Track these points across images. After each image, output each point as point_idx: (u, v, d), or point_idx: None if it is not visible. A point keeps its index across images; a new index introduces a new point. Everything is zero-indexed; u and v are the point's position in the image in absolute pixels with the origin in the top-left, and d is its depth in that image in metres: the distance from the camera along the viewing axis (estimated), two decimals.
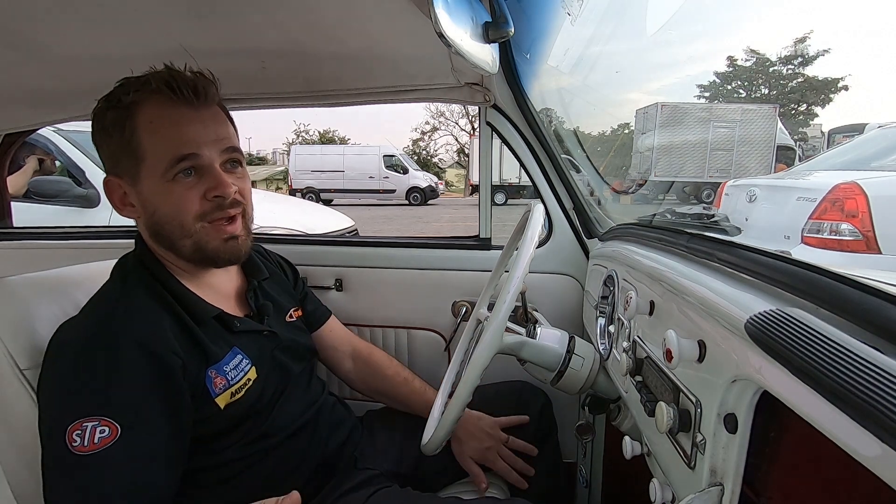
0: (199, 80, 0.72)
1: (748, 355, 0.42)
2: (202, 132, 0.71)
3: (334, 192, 16.27)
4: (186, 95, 0.70)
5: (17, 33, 0.86)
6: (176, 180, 0.70)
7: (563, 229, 1.29)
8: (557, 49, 1.14)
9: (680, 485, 0.55)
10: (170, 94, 0.69)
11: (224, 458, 0.75)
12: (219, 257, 0.75)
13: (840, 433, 0.31)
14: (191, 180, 0.71)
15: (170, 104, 0.70)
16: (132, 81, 0.71)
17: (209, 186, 0.71)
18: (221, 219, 0.74)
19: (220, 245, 0.74)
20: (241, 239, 0.77)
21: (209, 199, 0.72)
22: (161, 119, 0.70)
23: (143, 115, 0.69)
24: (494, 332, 0.72)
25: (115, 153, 0.71)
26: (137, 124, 0.69)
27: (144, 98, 0.70)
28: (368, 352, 1.07)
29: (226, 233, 0.74)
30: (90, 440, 0.60)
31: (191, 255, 0.74)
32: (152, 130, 0.69)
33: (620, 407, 0.90)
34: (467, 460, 0.97)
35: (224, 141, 0.74)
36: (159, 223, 0.72)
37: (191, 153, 0.70)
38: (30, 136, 1.89)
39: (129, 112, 0.69)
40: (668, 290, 0.63)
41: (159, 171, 0.69)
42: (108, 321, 0.67)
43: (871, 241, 2.51)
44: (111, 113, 0.70)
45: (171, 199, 0.70)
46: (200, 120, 0.72)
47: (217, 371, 0.73)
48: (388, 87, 1.18)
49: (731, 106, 13.07)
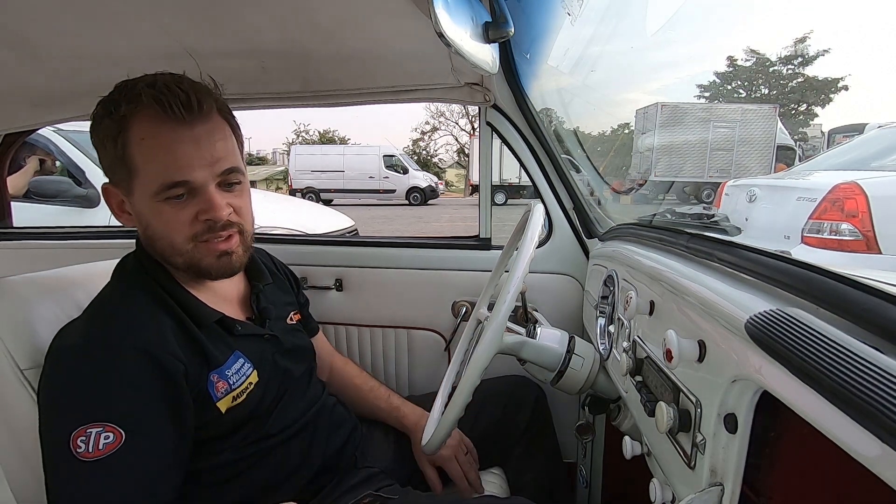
0: (193, 93, 0.67)
1: (748, 355, 0.42)
2: (195, 154, 0.67)
3: (334, 192, 16.26)
4: (177, 113, 0.66)
5: (17, 33, 0.86)
6: (167, 202, 0.68)
7: (563, 229, 1.29)
8: (557, 49, 1.14)
9: (680, 485, 0.55)
10: (158, 111, 0.66)
11: (224, 459, 0.75)
12: (211, 273, 0.74)
13: (840, 433, 0.31)
14: (182, 202, 0.69)
15: (161, 121, 0.66)
16: (126, 90, 0.68)
17: (201, 209, 0.69)
18: (214, 239, 0.72)
19: (212, 262, 0.73)
20: (236, 255, 0.75)
21: (201, 221, 0.70)
22: (152, 138, 0.66)
23: (135, 131, 0.67)
24: (494, 332, 0.72)
25: (110, 163, 0.70)
26: (129, 139, 0.67)
27: (136, 112, 0.66)
28: (342, 364, 1.11)
29: (218, 250, 0.72)
30: (95, 446, 0.60)
31: (184, 269, 0.74)
32: (144, 148, 0.67)
33: (620, 407, 0.90)
34: (423, 462, 0.97)
35: (220, 162, 0.70)
36: (152, 238, 0.72)
37: (182, 180, 0.67)
38: (30, 136, 1.89)
39: (121, 126, 0.67)
40: (668, 290, 0.63)
41: (150, 191, 0.67)
42: (108, 326, 0.67)
43: (871, 241, 2.51)
44: (106, 122, 0.68)
45: (162, 219, 0.69)
46: (194, 139, 0.67)
47: (219, 375, 0.72)
48: (388, 87, 1.18)
49: (731, 106, 13.05)
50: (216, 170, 0.69)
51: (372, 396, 1.05)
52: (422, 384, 1.36)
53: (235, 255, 0.74)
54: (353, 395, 1.05)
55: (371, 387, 1.07)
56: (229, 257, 0.74)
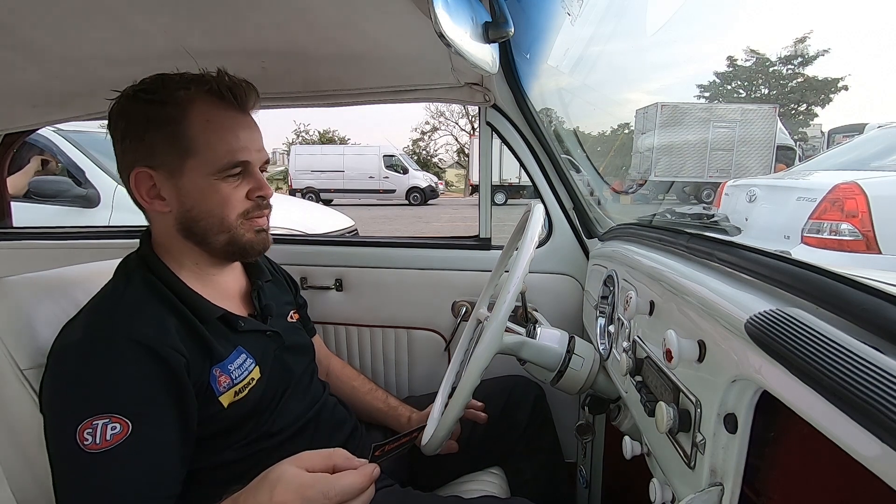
0: (248, 87, 0.76)
1: (748, 355, 0.42)
2: (252, 139, 0.76)
3: (334, 192, 16.26)
4: (240, 101, 0.74)
5: (17, 33, 0.86)
6: (224, 180, 0.73)
7: (563, 229, 1.29)
8: (557, 49, 1.14)
9: (680, 485, 0.55)
10: (226, 97, 0.73)
11: (224, 458, 0.75)
12: (252, 248, 0.79)
13: (840, 433, 0.31)
14: (237, 180, 0.75)
15: (223, 107, 0.73)
16: (182, 77, 0.73)
17: (253, 187, 0.76)
18: (257, 216, 0.78)
19: (252, 237, 0.78)
20: (267, 231, 0.82)
21: (251, 199, 0.77)
22: (219, 120, 0.73)
23: (198, 113, 0.71)
24: (494, 332, 0.72)
25: (155, 144, 0.71)
26: (192, 120, 0.71)
27: (198, 96, 0.72)
28: (340, 366, 1.12)
29: (258, 225, 0.79)
30: (102, 437, 0.60)
31: (222, 247, 0.77)
32: (209, 129, 0.72)
33: (620, 407, 0.90)
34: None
35: (264, 151, 0.79)
36: (195, 218, 0.74)
37: (245, 160, 0.74)
38: (30, 136, 1.89)
39: (182, 107, 0.71)
40: (668, 290, 0.63)
41: (210, 169, 0.72)
42: (107, 320, 0.67)
43: (871, 241, 2.51)
44: (153, 107, 0.71)
45: (218, 196, 0.73)
46: (248, 126, 0.76)
47: (221, 370, 0.73)
48: (388, 87, 1.18)
49: (731, 106, 13.05)
50: (262, 156, 0.78)
51: (370, 398, 1.06)
52: (422, 384, 1.37)
53: (267, 230, 0.82)
54: (352, 397, 1.06)
55: (369, 388, 1.08)
56: (265, 234, 0.81)
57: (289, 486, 0.55)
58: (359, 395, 1.06)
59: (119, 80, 0.74)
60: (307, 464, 0.58)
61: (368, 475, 0.57)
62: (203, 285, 0.78)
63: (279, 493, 0.54)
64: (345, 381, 1.09)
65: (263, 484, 0.57)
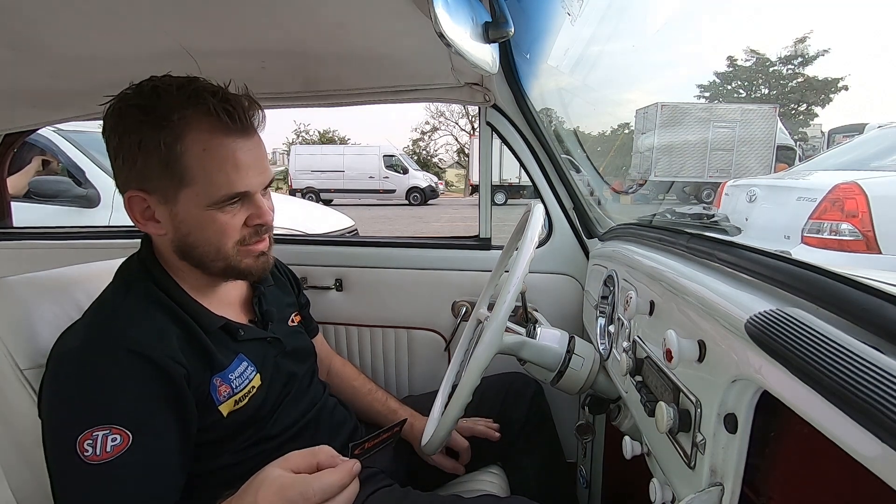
0: (251, 105, 0.70)
1: (748, 355, 0.42)
2: (253, 166, 0.70)
3: (334, 192, 16.25)
4: (241, 123, 0.68)
5: (17, 33, 0.86)
6: (222, 209, 0.69)
7: (563, 229, 1.29)
8: (557, 49, 1.14)
9: (680, 485, 0.55)
10: (224, 120, 0.66)
11: (223, 462, 0.75)
12: (251, 273, 0.76)
13: (840, 433, 0.31)
14: (235, 208, 0.71)
15: (223, 132, 0.67)
16: (179, 91, 0.66)
17: (251, 214, 0.72)
18: (256, 242, 0.75)
19: (252, 262, 0.75)
20: (268, 253, 0.79)
21: (249, 226, 0.73)
22: (216, 149, 0.66)
23: (194, 141, 0.65)
24: (494, 332, 0.72)
25: (149, 169, 0.66)
26: (187, 147, 0.65)
27: (195, 120, 0.65)
28: (341, 365, 1.12)
29: (258, 251, 0.76)
30: (103, 449, 0.59)
31: (220, 272, 0.74)
32: (206, 159, 0.66)
33: (620, 407, 0.90)
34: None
35: (267, 174, 0.73)
36: (192, 245, 0.71)
37: (245, 192, 0.70)
38: (30, 136, 1.89)
39: (176, 134, 0.65)
40: (668, 290, 0.63)
41: (206, 200, 0.67)
42: (107, 330, 0.66)
43: (871, 241, 2.51)
44: (147, 127, 0.65)
45: (214, 226, 0.70)
46: (250, 150, 0.70)
47: (222, 379, 0.72)
48: (388, 87, 1.18)
49: (731, 106, 13.04)
50: (265, 179, 0.73)
51: (370, 399, 1.06)
52: (422, 384, 1.37)
53: (268, 253, 0.78)
54: (351, 397, 1.06)
55: (369, 389, 1.08)
56: (266, 257, 0.78)
57: (269, 489, 0.55)
58: (359, 396, 1.06)
59: (119, 80, 0.74)
60: (292, 465, 0.58)
61: (348, 471, 0.58)
62: (204, 294, 0.78)
63: (262, 497, 0.55)
64: (345, 380, 1.09)
65: (249, 488, 0.57)
